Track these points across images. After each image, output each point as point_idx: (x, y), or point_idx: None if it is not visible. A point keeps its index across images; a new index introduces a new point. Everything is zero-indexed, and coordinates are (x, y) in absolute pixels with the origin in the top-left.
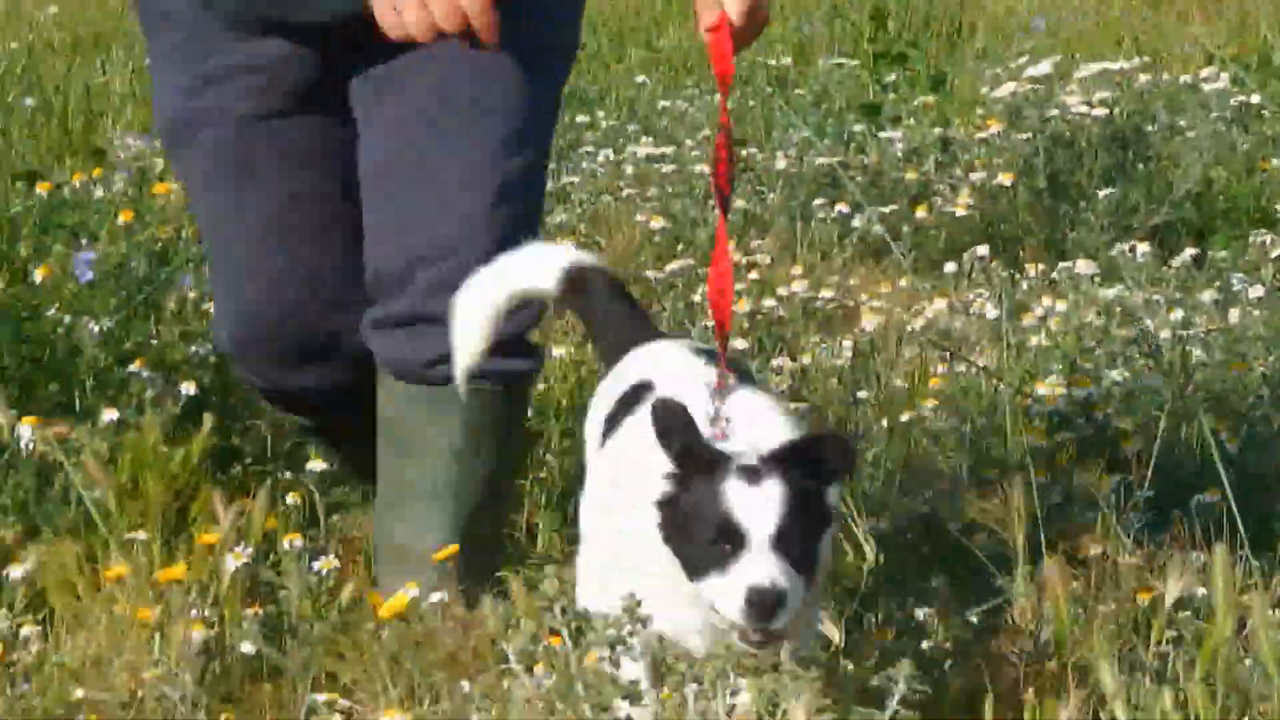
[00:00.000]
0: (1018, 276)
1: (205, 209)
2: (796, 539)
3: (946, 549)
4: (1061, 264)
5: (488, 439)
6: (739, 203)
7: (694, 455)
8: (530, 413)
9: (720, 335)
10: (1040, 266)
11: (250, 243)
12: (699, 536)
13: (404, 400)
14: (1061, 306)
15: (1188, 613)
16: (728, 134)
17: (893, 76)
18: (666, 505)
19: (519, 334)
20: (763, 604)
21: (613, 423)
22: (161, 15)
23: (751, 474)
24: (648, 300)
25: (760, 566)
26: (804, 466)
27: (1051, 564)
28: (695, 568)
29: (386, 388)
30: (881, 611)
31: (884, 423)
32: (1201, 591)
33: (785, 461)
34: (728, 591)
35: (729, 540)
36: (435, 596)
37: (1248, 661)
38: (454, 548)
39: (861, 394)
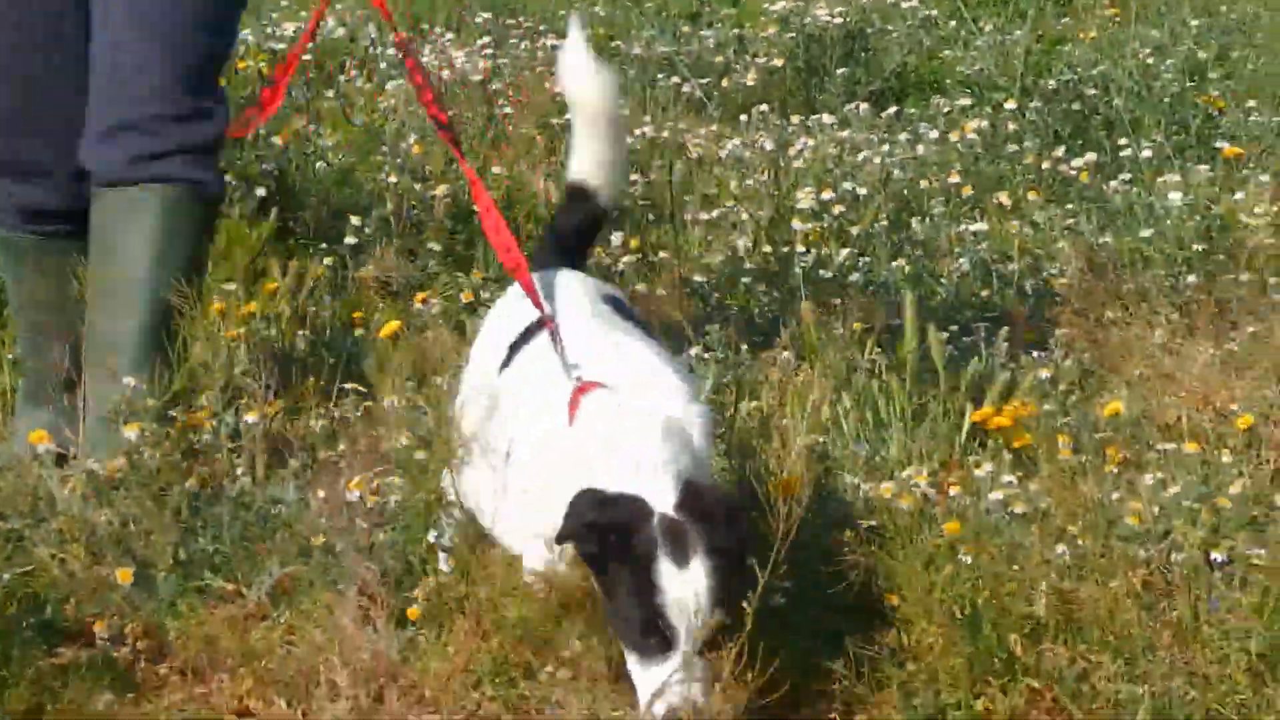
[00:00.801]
0: (786, 124)
1: None
2: (725, 617)
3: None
4: (813, 116)
5: (176, 240)
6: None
7: (616, 522)
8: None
9: (525, 285)
10: (799, 118)
11: None
12: (628, 618)
13: (107, 205)
14: (813, 143)
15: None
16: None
17: None
18: (590, 557)
19: (206, 144)
20: None
21: (515, 350)
22: None
23: (678, 552)
24: None
25: (684, 687)
26: (728, 533)
27: (808, 305)
28: (622, 638)
29: (95, 198)
30: None
31: (700, 215)
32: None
33: (708, 523)
34: (646, 693)
35: (658, 637)
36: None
37: None
38: None
39: (688, 198)
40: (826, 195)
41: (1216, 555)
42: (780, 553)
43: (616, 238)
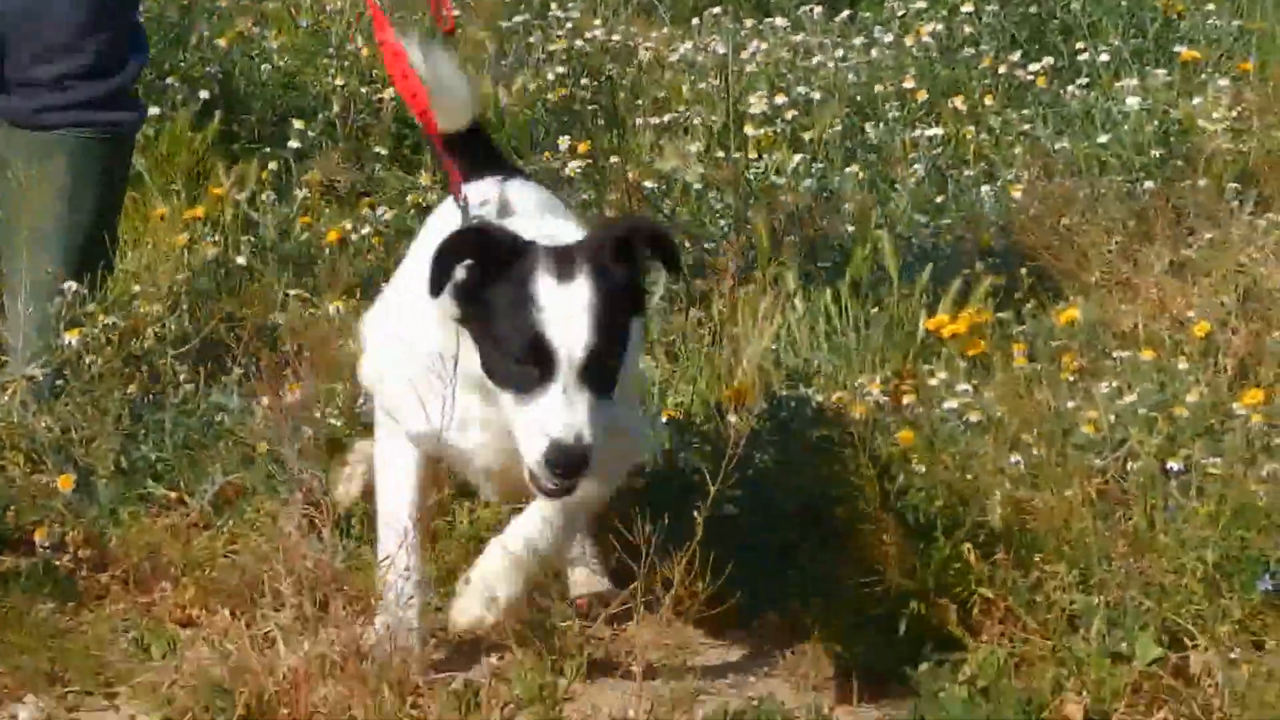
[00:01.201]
0: (738, 28)
1: None
2: (610, 352)
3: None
4: (765, 19)
5: (92, 184)
6: None
7: (497, 240)
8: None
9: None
10: (752, 21)
11: None
12: (504, 344)
13: (18, 148)
14: (765, 47)
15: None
16: None
17: None
18: (467, 295)
19: (125, 86)
20: (567, 463)
21: None
22: None
23: (563, 270)
24: None
25: (567, 413)
26: (617, 258)
27: (758, 208)
28: (498, 376)
29: (6, 140)
30: None
31: (651, 120)
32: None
33: (596, 254)
34: (529, 433)
35: (536, 362)
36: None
37: None
38: None
39: (639, 102)
40: (779, 100)
41: (1173, 464)
42: (732, 462)
43: (564, 142)
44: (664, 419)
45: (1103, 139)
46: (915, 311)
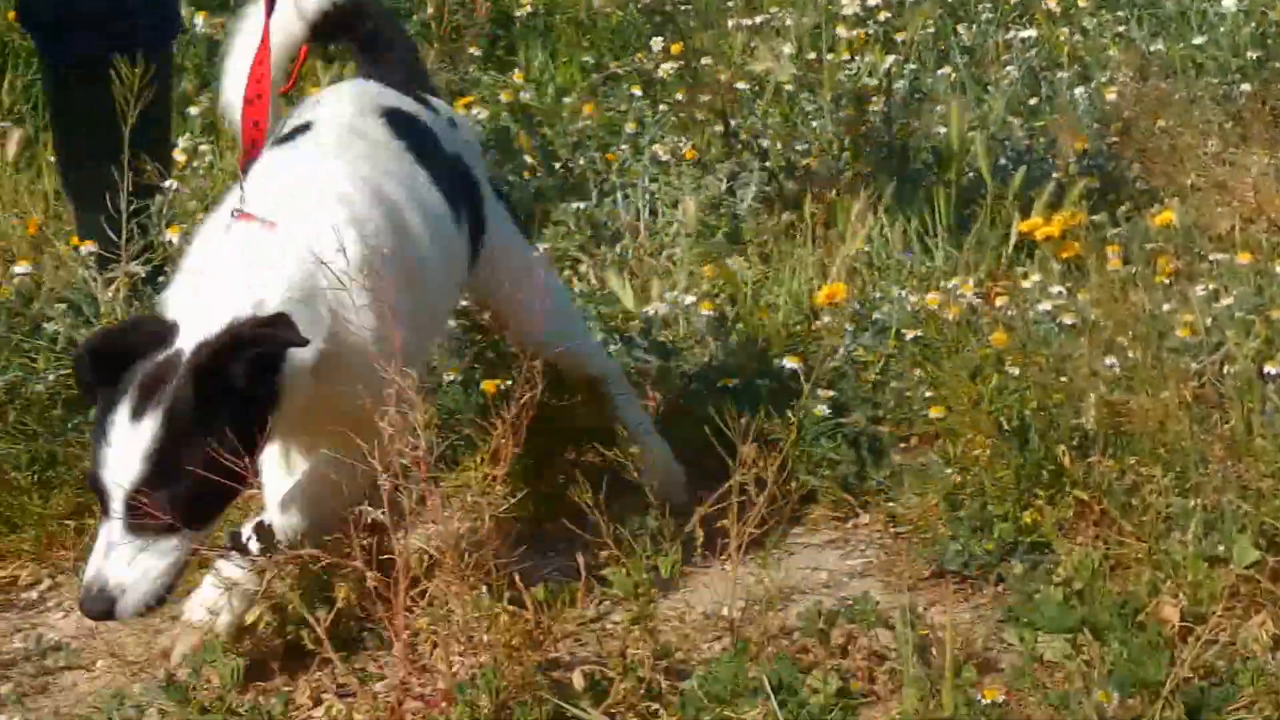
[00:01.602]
0: None
1: None
2: (171, 491)
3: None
4: None
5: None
6: None
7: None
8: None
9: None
10: None
11: None
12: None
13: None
14: None
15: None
16: None
17: None
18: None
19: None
20: (89, 610)
21: None
22: None
23: (138, 400)
24: None
25: (95, 561)
26: (201, 382)
27: (851, 113)
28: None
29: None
30: None
31: (743, 21)
32: (943, 130)
33: (180, 381)
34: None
35: (99, 499)
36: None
37: None
38: None
39: (730, 4)
40: (871, 1)
41: (1270, 368)
42: (824, 363)
43: (657, 43)
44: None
45: (1199, 40)
46: (1009, 214)
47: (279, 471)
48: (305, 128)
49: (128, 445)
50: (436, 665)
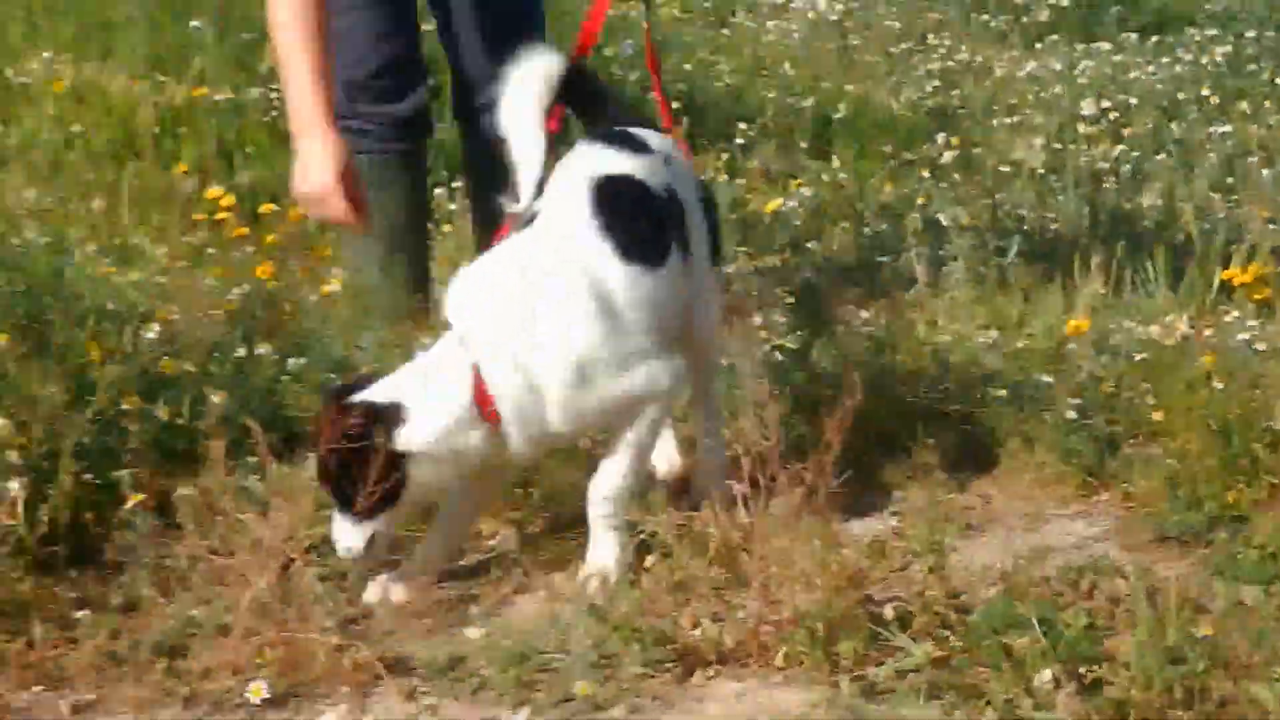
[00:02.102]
0: (1071, 50)
1: None
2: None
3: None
4: (1093, 44)
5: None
6: None
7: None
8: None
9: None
10: (1082, 45)
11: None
12: None
13: None
14: (1092, 65)
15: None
16: None
17: None
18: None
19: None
20: (339, 554)
21: None
22: None
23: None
24: None
25: (334, 532)
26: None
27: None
28: None
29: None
30: None
31: (1005, 120)
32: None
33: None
34: None
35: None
36: None
37: None
38: None
39: (995, 107)
40: (1104, 104)
41: None
42: (1072, 378)
43: (940, 137)
44: None
45: None
46: (1212, 266)
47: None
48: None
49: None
50: (783, 599)
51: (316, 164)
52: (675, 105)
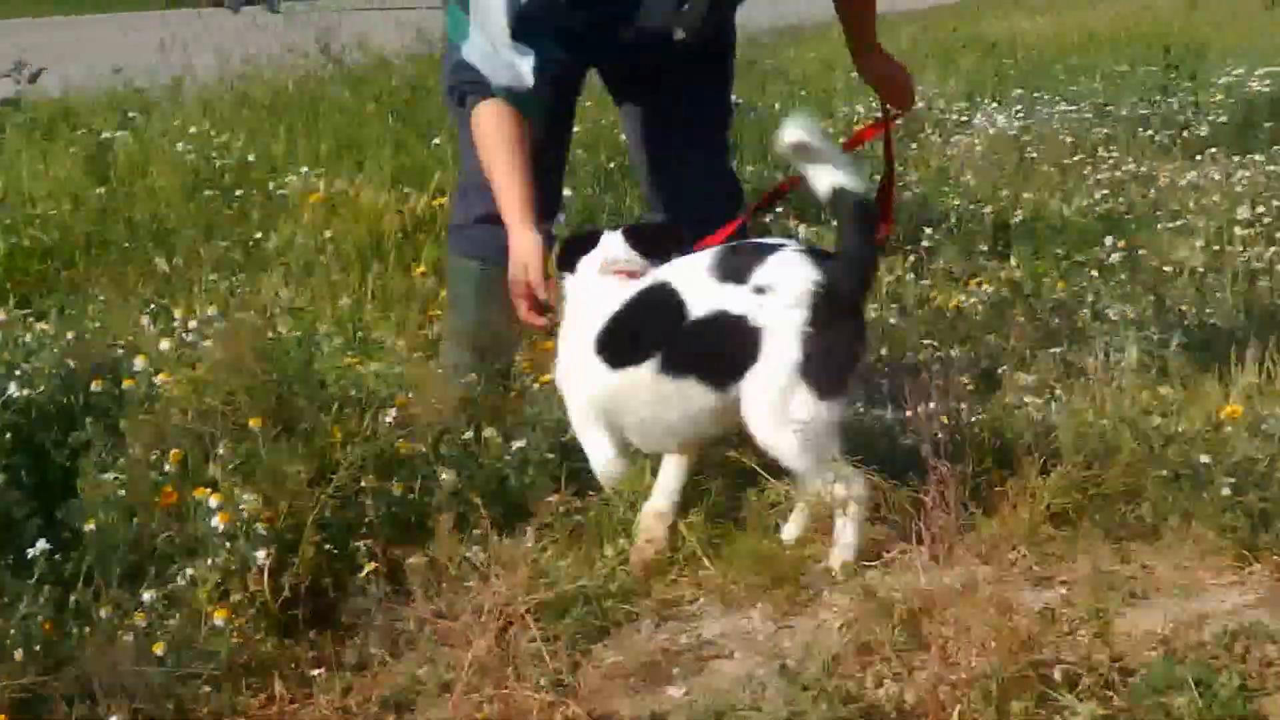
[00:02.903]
0: (1229, 161)
1: None
2: None
3: (1195, 279)
4: (1248, 155)
5: None
6: None
7: None
8: None
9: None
10: (1239, 157)
11: None
12: None
13: None
14: (1248, 174)
15: None
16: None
17: None
18: None
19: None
20: None
21: None
22: None
23: None
24: None
25: None
26: None
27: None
28: None
29: None
30: None
31: (1168, 224)
32: None
33: None
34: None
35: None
36: None
37: None
38: None
39: (1159, 213)
40: (1260, 209)
41: None
42: (1228, 459)
43: (1108, 240)
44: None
45: None
46: None
47: None
48: None
49: None
50: (960, 661)
51: (512, 259)
52: None
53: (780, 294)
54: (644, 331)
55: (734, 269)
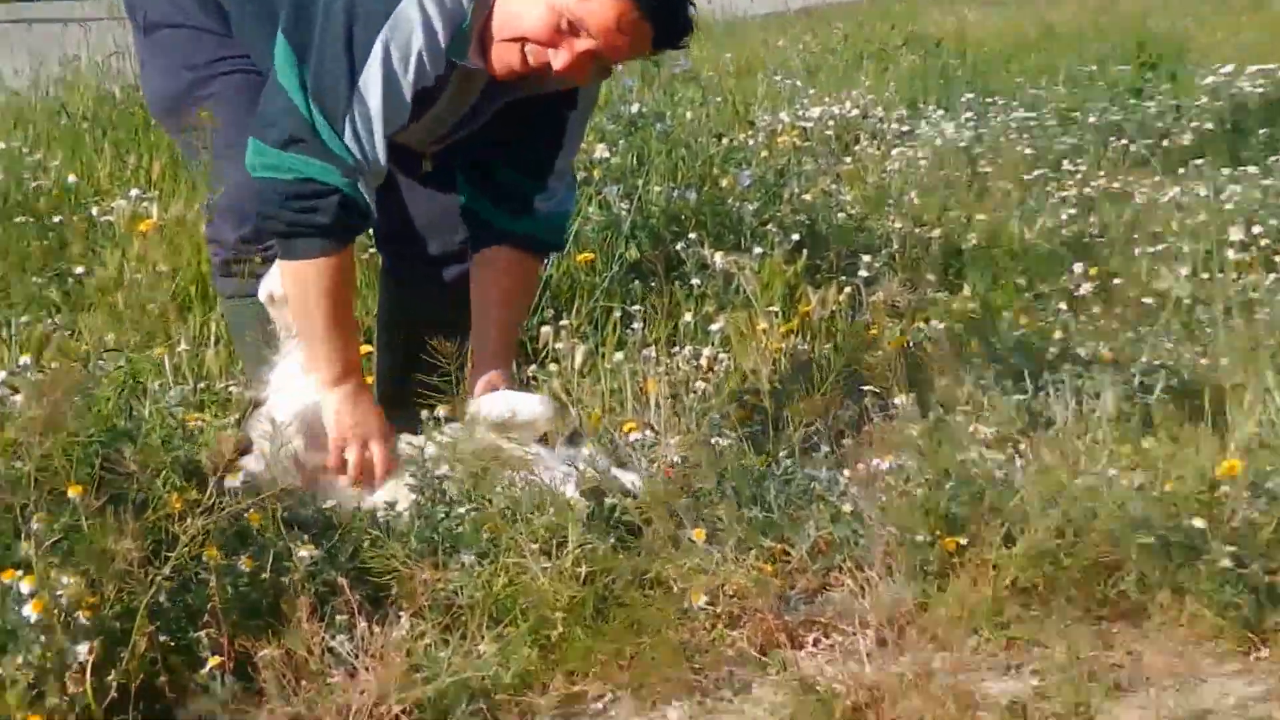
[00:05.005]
0: (1217, 175)
1: None
2: None
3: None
4: (1239, 168)
5: None
6: None
7: None
8: None
9: None
10: (1228, 170)
11: None
12: None
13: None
14: (1239, 189)
15: None
16: None
17: None
18: None
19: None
20: None
21: None
22: None
23: None
24: None
25: None
26: None
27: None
28: None
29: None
30: None
31: (1147, 249)
32: None
33: None
34: None
35: None
36: None
37: None
38: None
39: (1136, 235)
40: (1255, 230)
41: None
42: (1226, 524)
43: (1078, 267)
44: None
45: None
46: None
47: None
48: None
49: None
50: None
51: (344, 427)
52: (795, 237)
53: None
54: None
55: None
